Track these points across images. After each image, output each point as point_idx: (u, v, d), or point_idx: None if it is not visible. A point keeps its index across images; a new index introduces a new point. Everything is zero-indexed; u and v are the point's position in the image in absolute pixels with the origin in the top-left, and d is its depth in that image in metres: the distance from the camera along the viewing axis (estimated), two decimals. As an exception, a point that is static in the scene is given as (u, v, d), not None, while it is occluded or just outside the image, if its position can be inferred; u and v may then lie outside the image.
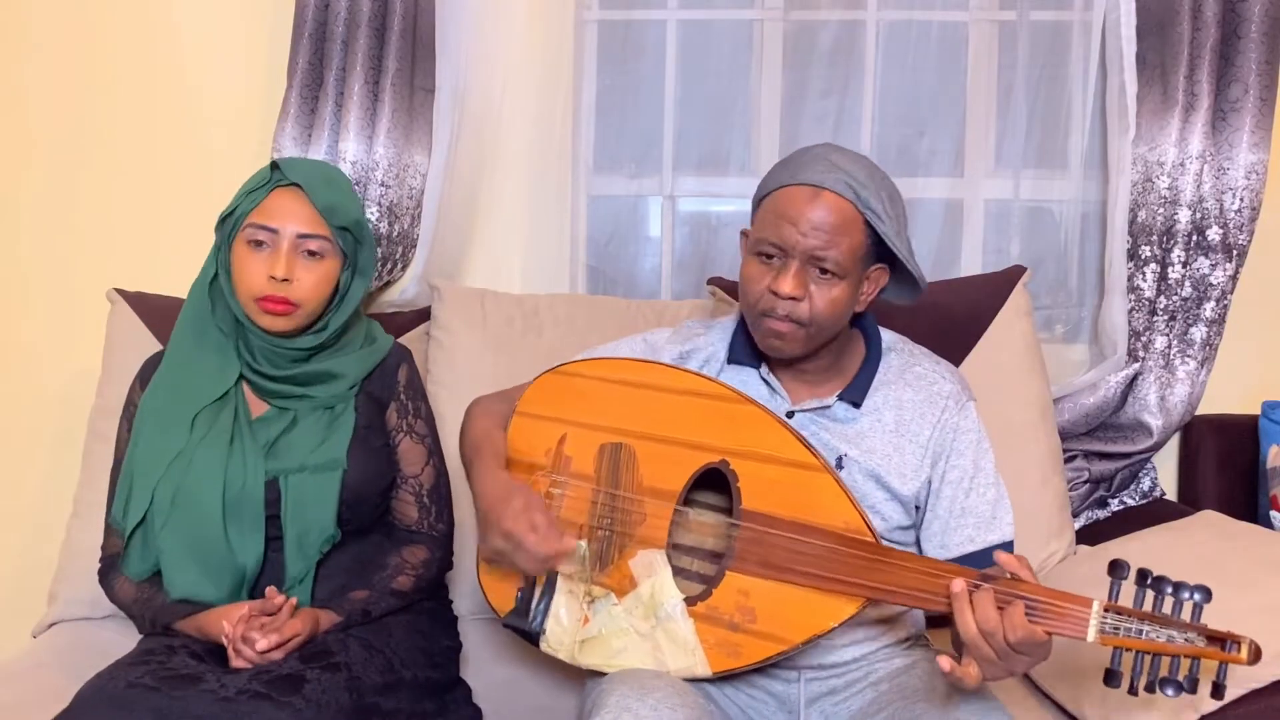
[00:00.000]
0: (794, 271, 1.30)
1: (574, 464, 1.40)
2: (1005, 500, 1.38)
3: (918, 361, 1.43)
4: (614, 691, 1.20)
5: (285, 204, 1.41)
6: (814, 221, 1.29)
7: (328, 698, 1.23)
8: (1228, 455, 2.02)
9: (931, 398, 1.39)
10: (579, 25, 2.10)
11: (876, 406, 1.39)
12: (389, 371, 1.55)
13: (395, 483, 1.53)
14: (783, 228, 1.30)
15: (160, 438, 1.43)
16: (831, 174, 1.30)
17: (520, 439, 1.46)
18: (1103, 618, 1.10)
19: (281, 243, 1.41)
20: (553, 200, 2.14)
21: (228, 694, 1.21)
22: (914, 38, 2.10)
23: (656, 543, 1.33)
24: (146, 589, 1.44)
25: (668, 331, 1.52)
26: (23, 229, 2.13)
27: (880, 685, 1.34)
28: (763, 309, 1.33)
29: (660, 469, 1.35)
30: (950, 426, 1.38)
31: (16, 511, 2.14)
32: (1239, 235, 1.93)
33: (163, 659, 1.30)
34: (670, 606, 1.29)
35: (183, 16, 2.10)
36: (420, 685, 1.41)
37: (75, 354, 2.06)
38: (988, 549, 1.34)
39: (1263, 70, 1.88)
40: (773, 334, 1.34)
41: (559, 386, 1.46)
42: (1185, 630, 1.08)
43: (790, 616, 1.24)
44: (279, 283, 1.39)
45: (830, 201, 1.29)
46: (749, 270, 1.35)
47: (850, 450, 1.36)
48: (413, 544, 1.52)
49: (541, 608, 1.36)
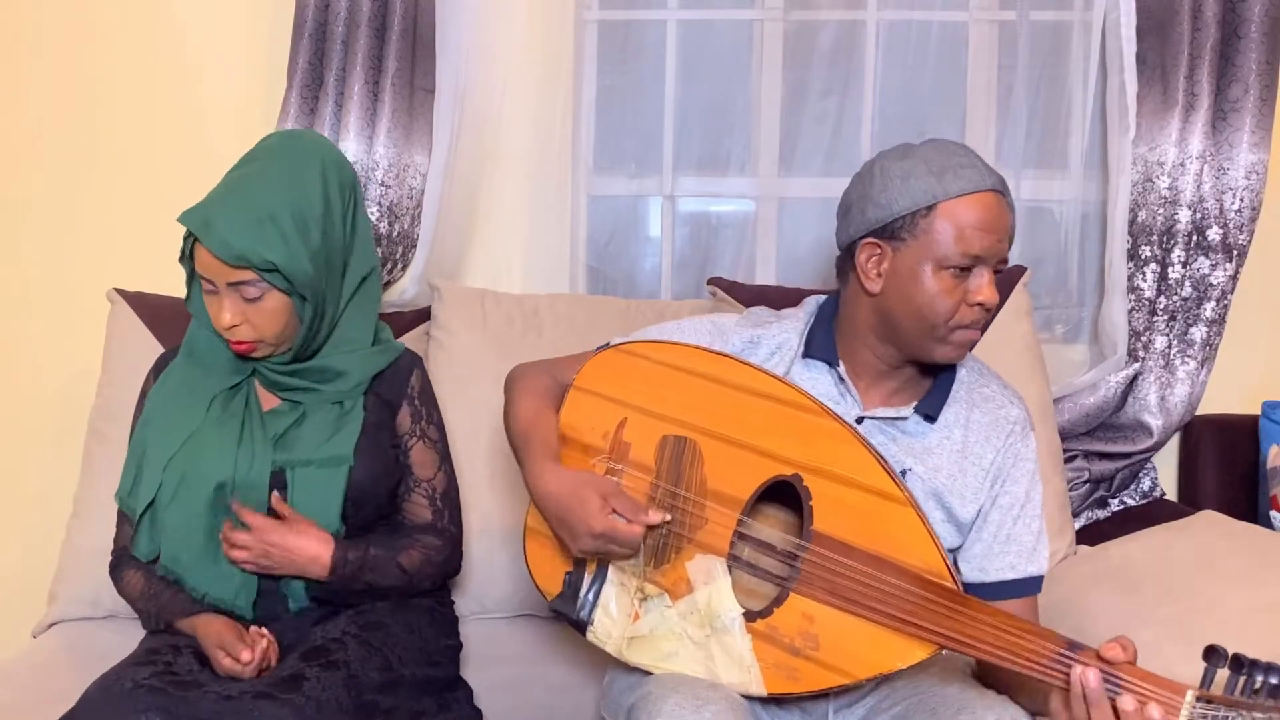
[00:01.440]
0: (989, 279, 1.29)
1: (633, 452, 1.34)
2: (1045, 536, 1.36)
3: (987, 383, 1.40)
4: (669, 699, 1.17)
5: (208, 257, 1.36)
6: (1008, 225, 1.30)
7: (327, 695, 1.24)
8: (1228, 455, 2.02)
9: (998, 421, 1.36)
10: (579, 25, 2.10)
11: (947, 423, 1.35)
12: (401, 375, 1.54)
13: (405, 485, 1.53)
14: (983, 237, 1.27)
15: (173, 418, 1.45)
16: (992, 175, 1.29)
17: (576, 416, 1.38)
18: (1194, 707, 1.06)
19: (221, 290, 1.39)
20: (553, 200, 2.14)
21: (230, 693, 1.22)
22: (914, 38, 2.10)
23: (717, 550, 1.27)
24: (155, 584, 1.44)
25: (736, 316, 1.47)
26: (23, 229, 2.13)
27: (895, 682, 1.32)
28: (960, 321, 1.29)
29: (726, 472, 1.29)
30: (1013, 453, 1.35)
31: (16, 512, 2.14)
32: (1239, 235, 1.93)
33: (169, 660, 1.31)
34: (728, 619, 1.25)
35: (183, 16, 2.10)
36: (419, 684, 1.41)
37: (75, 354, 2.06)
38: (1027, 579, 1.33)
39: (1263, 70, 1.88)
40: (966, 343, 1.31)
41: (623, 366, 1.38)
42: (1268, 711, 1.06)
43: (856, 650, 1.20)
44: (230, 329, 1.40)
45: (1005, 205, 1.30)
46: (936, 285, 1.28)
47: (916, 465, 1.33)
48: (426, 533, 1.51)
49: (590, 596, 1.31)
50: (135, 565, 1.47)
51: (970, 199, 1.27)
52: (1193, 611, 1.47)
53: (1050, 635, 1.14)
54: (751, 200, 2.18)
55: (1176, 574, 1.60)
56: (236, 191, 1.40)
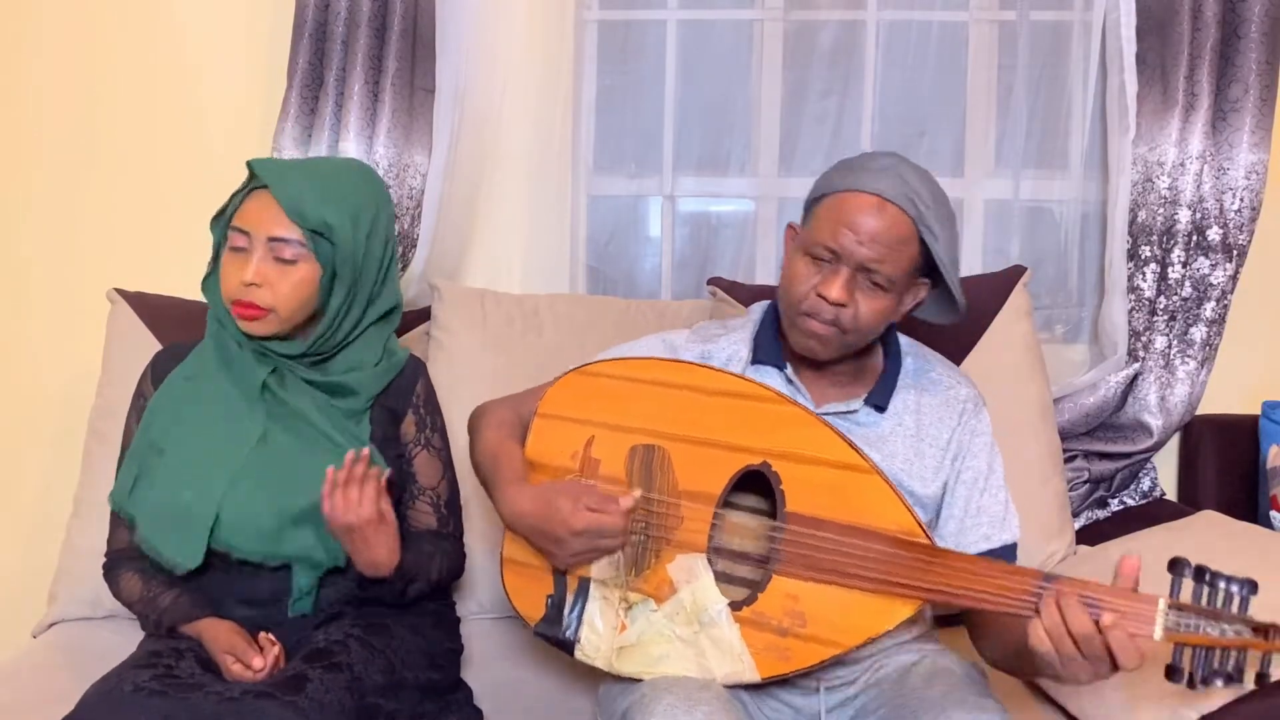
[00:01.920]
0: (844, 279, 1.30)
1: (603, 467, 1.37)
2: (1012, 506, 1.40)
3: (932, 367, 1.45)
4: (661, 700, 1.19)
5: (259, 206, 1.37)
6: (873, 232, 1.28)
7: (330, 697, 1.24)
8: (1228, 455, 2.02)
9: (949, 401, 1.41)
10: (579, 25, 2.10)
11: (897, 411, 1.40)
12: (405, 383, 1.53)
13: (409, 492, 1.52)
14: (841, 233, 1.29)
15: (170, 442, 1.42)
16: (899, 187, 1.29)
17: (544, 442, 1.42)
18: (1167, 615, 1.09)
19: (255, 247, 1.37)
20: (553, 200, 2.14)
21: (232, 694, 1.22)
22: (914, 38, 2.10)
23: (696, 547, 1.30)
24: (154, 587, 1.43)
25: (685, 332, 1.51)
26: (23, 229, 2.13)
27: (883, 684, 1.34)
28: (806, 309, 1.33)
29: (697, 471, 1.32)
30: (969, 429, 1.40)
31: (16, 511, 2.14)
32: (1239, 235, 1.93)
33: (170, 663, 1.31)
34: (714, 612, 1.27)
35: (183, 16, 2.10)
36: (421, 687, 1.41)
37: (75, 354, 2.06)
38: (1001, 548, 1.36)
39: (1263, 70, 1.88)
40: (812, 334, 1.34)
41: (583, 387, 1.42)
42: (1234, 623, 1.09)
43: (842, 620, 1.23)
44: (248, 288, 1.36)
45: (893, 215, 1.29)
46: (797, 268, 1.34)
47: (873, 455, 1.35)
48: (438, 538, 1.51)
49: (575, 615, 1.34)
50: (131, 567, 1.47)
51: (853, 195, 1.30)
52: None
53: (1025, 571, 1.17)
54: (751, 200, 2.19)
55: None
56: (311, 165, 1.47)
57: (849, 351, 1.37)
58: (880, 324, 1.35)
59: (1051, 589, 1.13)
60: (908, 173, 1.32)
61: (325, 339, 1.44)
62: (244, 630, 1.37)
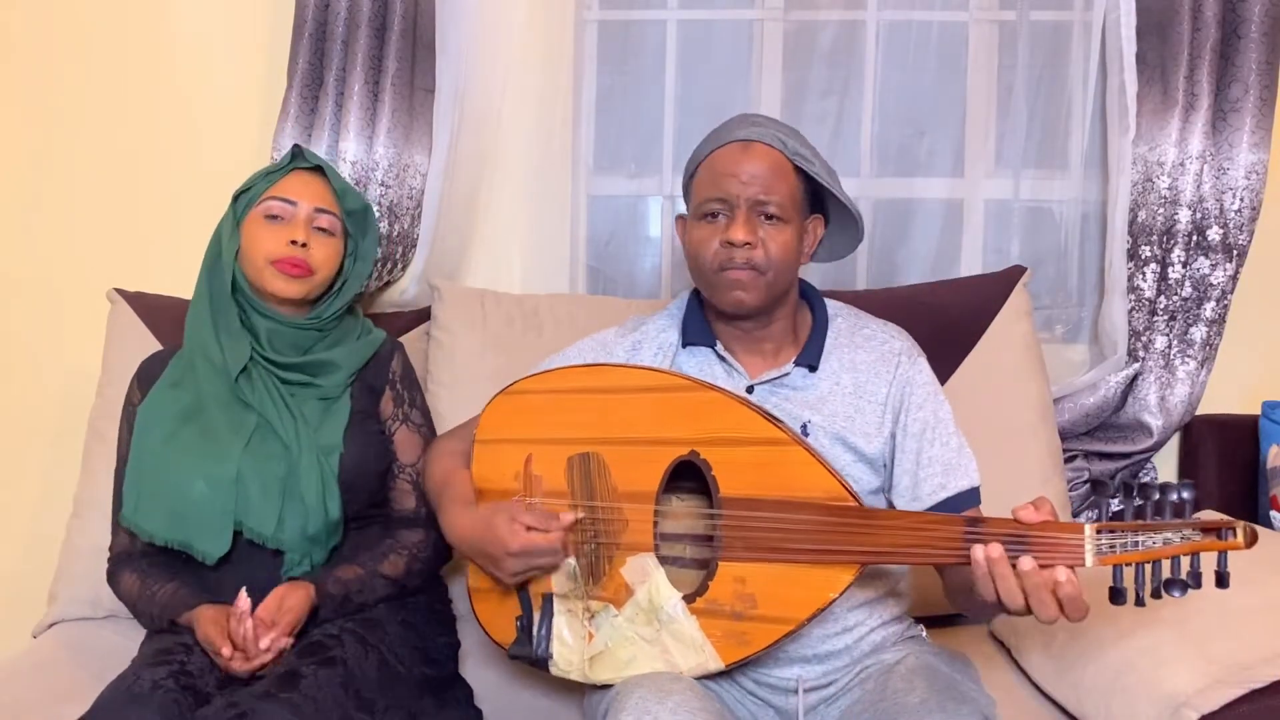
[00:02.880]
0: (743, 219, 1.35)
1: (545, 482, 1.39)
2: (968, 449, 1.40)
3: (865, 324, 1.47)
4: (633, 694, 1.21)
5: (304, 182, 1.52)
6: (752, 170, 1.35)
7: (324, 693, 1.25)
8: (1228, 455, 2.02)
9: (884, 356, 1.42)
10: (579, 25, 2.10)
11: (833, 370, 1.41)
12: (382, 361, 1.59)
13: (391, 471, 1.55)
14: (724, 182, 1.36)
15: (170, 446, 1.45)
16: (756, 129, 1.37)
17: (486, 467, 1.44)
18: (1097, 539, 1.09)
19: (299, 215, 1.50)
20: (553, 200, 2.14)
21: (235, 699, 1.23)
22: (914, 38, 2.10)
23: (644, 546, 1.32)
24: (152, 583, 1.44)
25: (614, 328, 1.53)
26: (23, 229, 2.13)
27: (866, 684, 1.34)
28: (719, 263, 1.36)
29: (632, 471, 1.34)
30: (905, 380, 1.41)
31: (16, 512, 2.14)
32: (1239, 235, 1.93)
33: (182, 659, 1.33)
34: (671, 608, 1.29)
35: (183, 16, 2.10)
36: (417, 682, 1.41)
37: (75, 354, 2.06)
38: (958, 494, 1.36)
39: (1263, 70, 1.88)
40: (735, 285, 1.36)
41: (513, 407, 1.44)
42: (1179, 529, 1.07)
43: (791, 595, 1.24)
44: (298, 246, 1.47)
45: (761, 151, 1.36)
46: (698, 234, 1.39)
47: (813, 416, 1.38)
48: (409, 528, 1.54)
49: (544, 633, 1.35)
50: (132, 568, 1.48)
51: (720, 150, 1.38)
52: (1192, 612, 1.47)
53: (951, 519, 1.19)
54: (751, 200, 2.18)
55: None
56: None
57: (775, 296, 1.39)
58: (792, 260, 1.38)
59: (977, 534, 1.14)
60: (762, 119, 1.41)
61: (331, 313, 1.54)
62: (220, 618, 1.36)
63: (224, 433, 1.44)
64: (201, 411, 1.46)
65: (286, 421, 1.46)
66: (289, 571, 1.44)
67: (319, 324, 1.53)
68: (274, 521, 1.42)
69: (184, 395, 1.48)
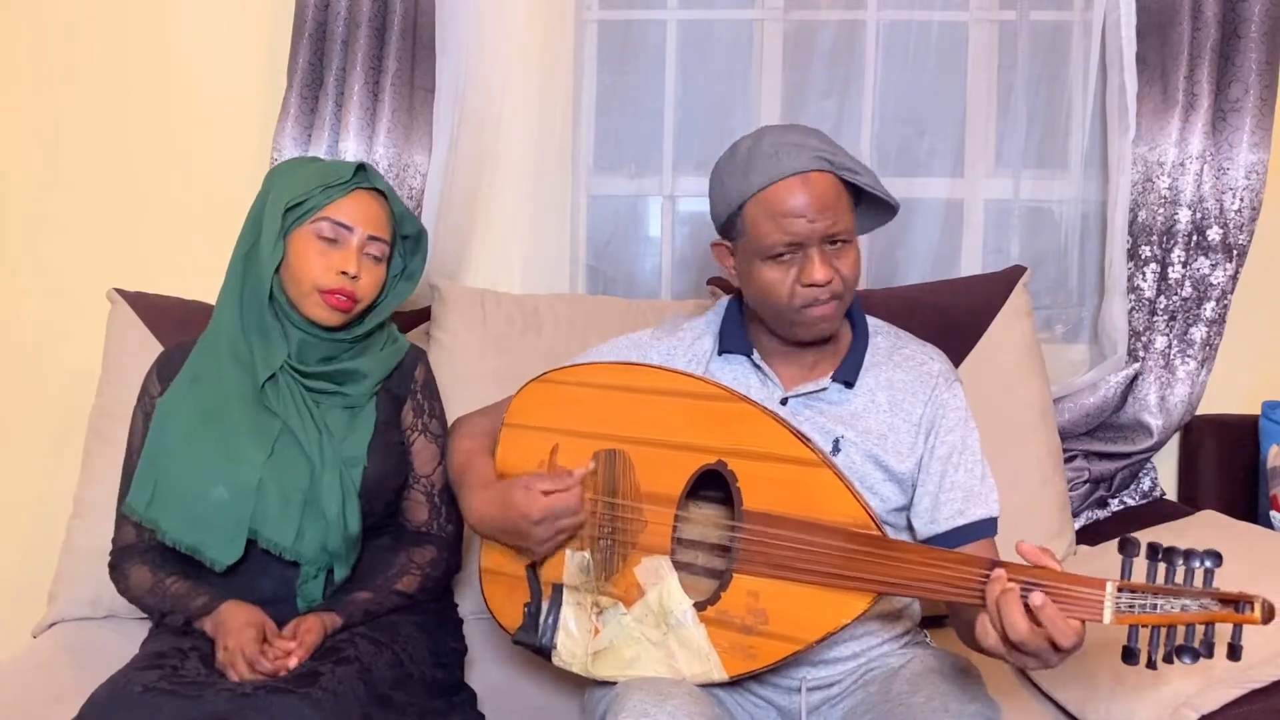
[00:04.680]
0: (819, 258, 1.31)
1: None
2: (990, 479, 1.39)
3: (905, 344, 1.45)
4: (632, 696, 1.20)
5: (365, 205, 1.46)
6: (817, 206, 1.30)
7: (344, 688, 1.25)
8: (1228, 455, 2.02)
9: (922, 377, 1.41)
10: (579, 25, 2.10)
11: (870, 388, 1.40)
12: (406, 370, 1.57)
13: (407, 482, 1.54)
14: (790, 224, 1.30)
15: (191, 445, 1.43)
16: (804, 155, 1.30)
17: (511, 452, 1.44)
18: (1117, 598, 1.08)
19: (353, 241, 1.45)
20: (553, 200, 2.14)
21: (245, 690, 1.22)
22: (914, 38, 2.10)
23: (660, 549, 1.31)
24: (166, 579, 1.43)
25: (649, 330, 1.52)
26: (23, 229, 2.13)
27: (870, 686, 1.34)
28: (800, 303, 1.33)
29: (657, 474, 1.33)
30: (940, 403, 1.39)
31: (16, 512, 2.14)
32: (1239, 235, 1.93)
33: (175, 663, 1.31)
34: (680, 613, 1.28)
35: (184, 17, 2.10)
36: (428, 683, 1.41)
37: (75, 354, 2.06)
38: (977, 522, 1.35)
39: (1263, 70, 1.88)
40: (819, 320, 1.34)
41: (546, 395, 1.44)
42: (1198, 597, 1.06)
43: (802, 616, 1.23)
44: (349, 278, 1.43)
45: (819, 181, 1.30)
46: (769, 276, 1.33)
47: (847, 432, 1.36)
48: (421, 544, 1.53)
49: (550, 622, 1.35)
50: (139, 560, 1.47)
51: (770, 191, 1.31)
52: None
53: (974, 560, 1.17)
54: (751, 200, 2.18)
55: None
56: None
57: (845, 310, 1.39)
58: (860, 272, 1.37)
59: (997, 578, 1.13)
60: (794, 136, 1.33)
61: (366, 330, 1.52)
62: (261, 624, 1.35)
63: (247, 438, 1.42)
64: (224, 412, 1.44)
65: (311, 432, 1.44)
66: (303, 582, 1.43)
67: (352, 337, 1.50)
68: (293, 533, 1.40)
69: (207, 392, 1.46)
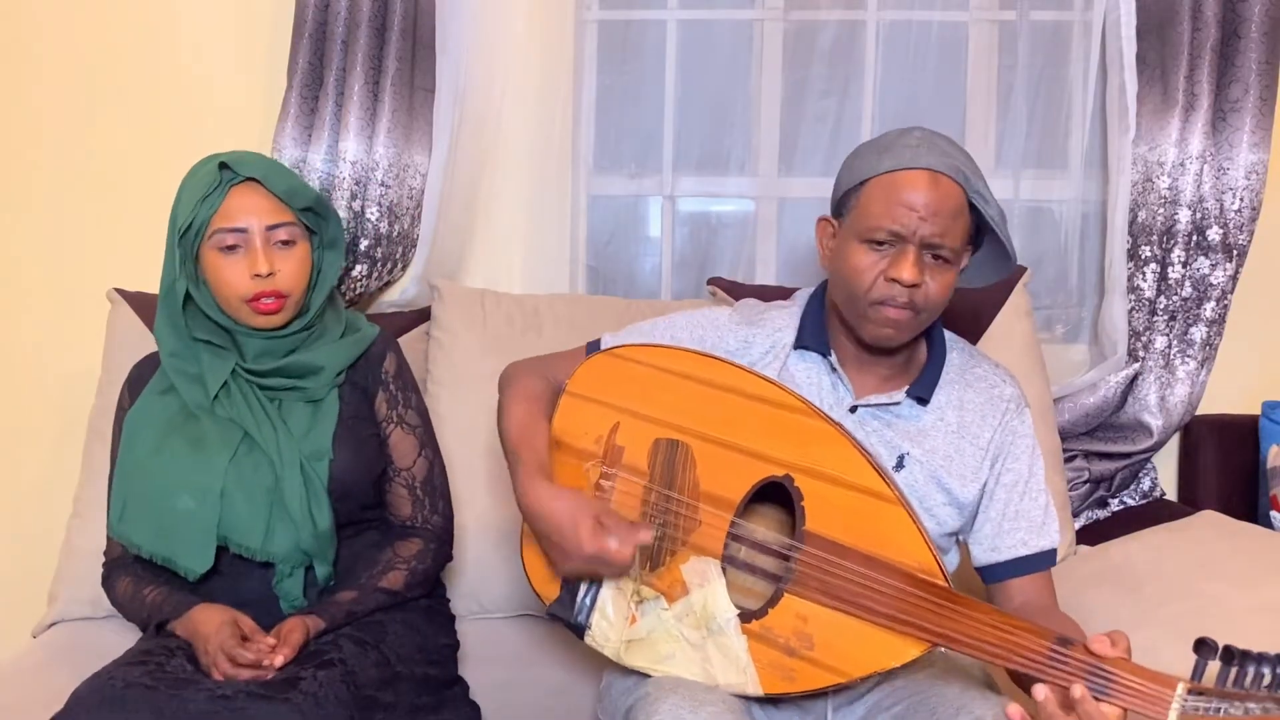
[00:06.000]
0: (914, 258, 1.27)
1: (626, 455, 1.35)
2: (1053, 510, 1.37)
3: (978, 363, 1.42)
4: (666, 700, 1.18)
5: (246, 200, 1.41)
6: (934, 208, 1.26)
7: (325, 692, 1.23)
8: (1228, 455, 2.02)
9: (993, 400, 1.38)
10: (579, 25, 2.10)
11: (940, 405, 1.37)
12: (374, 360, 1.53)
13: (387, 475, 1.52)
14: (900, 214, 1.26)
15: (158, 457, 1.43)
16: (944, 159, 1.28)
17: (570, 421, 1.39)
18: (1185, 699, 1.05)
19: (254, 240, 1.40)
20: (553, 200, 2.13)
21: (225, 693, 1.21)
22: (914, 38, 2.10)
23: (711, 551, 1.28)
24: (144, 587, 1.43)
25: (728, 310, 1.47)
26: (23, 229, 2.13)
27: (895, 680, 1.32)
28: (877, 297, 1.29)
29: (719, 474, 1.30)
30: (1010, 430, 1.37)
31: (16, 512, 2.14)
32: (1239, 235, 1.93)
33: (161, 660, 1.30)
34: (723, 620, 1.26)
35: (183, 16, 2.10)
36: (418, 681, 1.41)
37: (75, 354, 2.05)
38: (1038, 554, 1.34)
39: (1263, 70, 1.88)
40: (889, 322, 1.30)
41: (614, 370, 1.39)
42: (1264, 701, 1.05)
43: (851, 650, 1.20)
44: (264, 279, 1.39)
45: (948, 187, 1.27)
46: (856, 258, 1.30)
47: (913, 449, 1.34)
48: (406, 539, 1.51)
49: (588, 601, 1.32)
50: (126, 573, 1.47)
51: (897, 175, 1.28)
52: (1193, 611, 1.47)
53: (1041, 631, 1.14)
54: (751, 200, 2.18)
55: (1176, 574, 1.60)
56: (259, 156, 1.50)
57: (919, 332, 1.35)
58: (947, 300, 1.32)
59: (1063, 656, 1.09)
60: (943, 143, 1.31)
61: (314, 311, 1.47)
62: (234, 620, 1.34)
63: (212, 444, 1.41)
64: (190, 421, 1.44)
65: (268, 432, 1.42)
66: (279, 582, 1.42)
67: (304, 325, 1.47)
68: (261, 534, 1.39)
69: (173, 403, 1.46)
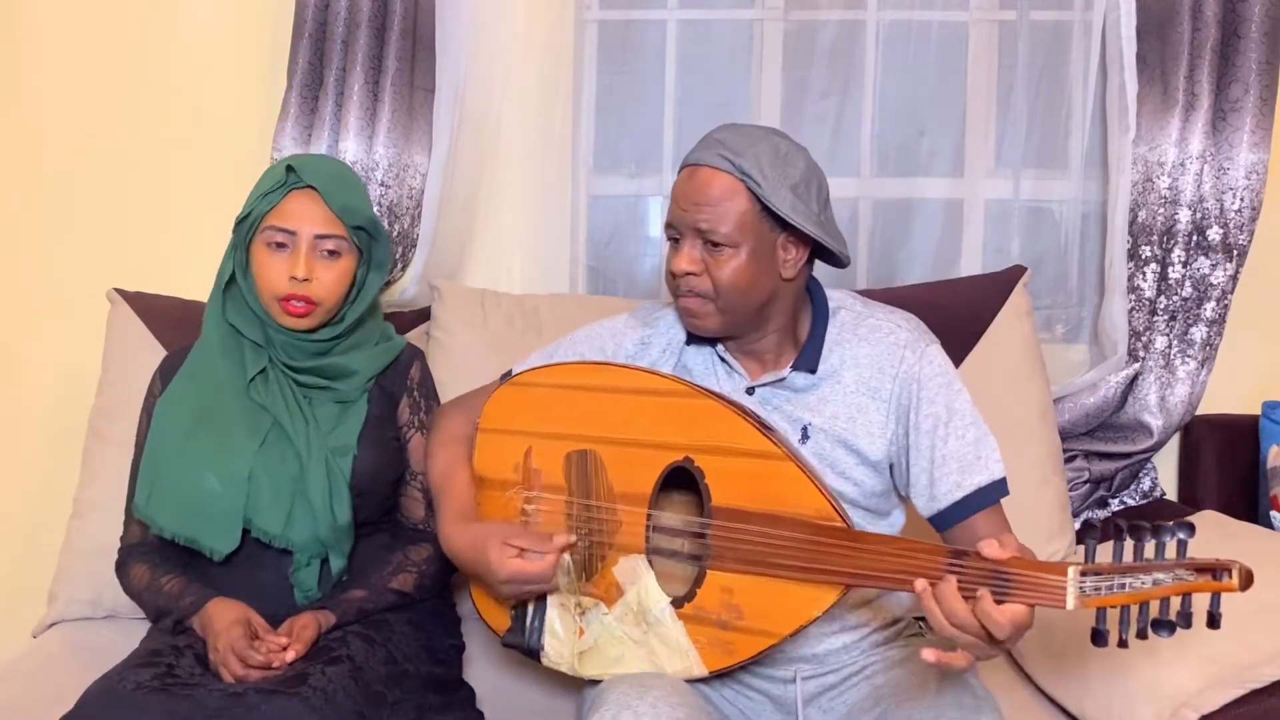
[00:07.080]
0: (685, 248, 1.34)
1: (544, 476, 1.40)
2: (989, 438, 1.34)
3: (871, 314, 1.41)
4: (614, 690, 1.22)
5: (302, 206, 1.44)
6: (693, 197, 1.32)
7: (335, 686, 1.25)
8: (1228, 455, 2.02)
9: (888, 349, 1.36)
10: (579, 25, 2.10)
11: (834, 369, 1.37)
12: (402, 368, 1.58)
13: (404, 479, 1.55)
14: (672, 209, 1.36)
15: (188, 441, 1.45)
16: (708, 150, 1.33)
17: (487, 456, 1.46)
18: (1080, 582, 1.06)
19: (300, 244, 1.44)
20: (553, 200, 2.14)
21: (237, 690, 1.23)
22: (914, 38, 2.10)
23: (636, 548, 1.33)
24: (161, 577, 1.44)
25: (625, 316, 1.52)
26: (23, 229, 2.13)
27: (875, 679, 1.34)
28: (673, 290, 1.37)
29: (628, 472, 1.34)
30: (912, 376, 1.34)
31: (16, 511, 2.14)
32: (1239, 235, 1.93)
33: (170, 661, 1.31)
34: (658, 611, 1.30)
35: (183, 16, 2.10)
36: (424, 679, 1.42)
37: (75, 354, 2.05)
38: (975, 492, 1.32)
39: (1263, 70, 1.88)
40: (688, 312, 1.37)
41: (518, 398, 1.45)
42: (1171, 569, 1.04)
43: (775, 609, 1.24)
44: (299, 282, 1.43)
45: (705, 176, 1.32)
46: (668, 258, 1.38)
47: (814, 419, 1.35)
48: (418, 542, 1.53)
49: (537, 624, 1.37)
50: (142, 560, 1.48)
51: (680, 175, 1.37)
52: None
53: (936, 549, 1.15)
54: (751, 200, 2.18)
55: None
56: (332, 164, 1.53)
57: (739, 319, 1.36)
58: (751, 284, 1.32)
59: (958, 566, 1.11)
60: (723, 134, 1.35)
61: (348, 324, 1.50)
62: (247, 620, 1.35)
63: (240, 431, 1.44)
64: (219, 408, 1.46)
65: (299, 425, 1.46)
66: (295, 570, 1.44)
67: (331, 337, 1.50)
68: (283, 520, 1.42)
69: (202, 390, 1.48)
